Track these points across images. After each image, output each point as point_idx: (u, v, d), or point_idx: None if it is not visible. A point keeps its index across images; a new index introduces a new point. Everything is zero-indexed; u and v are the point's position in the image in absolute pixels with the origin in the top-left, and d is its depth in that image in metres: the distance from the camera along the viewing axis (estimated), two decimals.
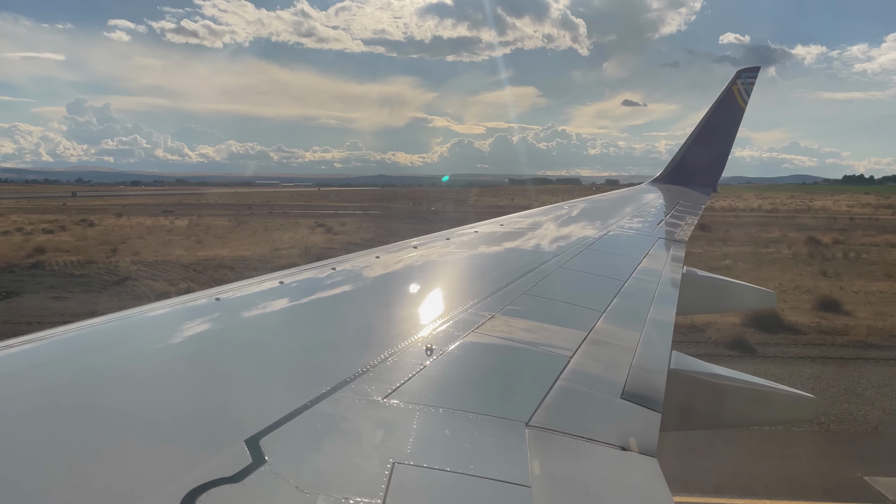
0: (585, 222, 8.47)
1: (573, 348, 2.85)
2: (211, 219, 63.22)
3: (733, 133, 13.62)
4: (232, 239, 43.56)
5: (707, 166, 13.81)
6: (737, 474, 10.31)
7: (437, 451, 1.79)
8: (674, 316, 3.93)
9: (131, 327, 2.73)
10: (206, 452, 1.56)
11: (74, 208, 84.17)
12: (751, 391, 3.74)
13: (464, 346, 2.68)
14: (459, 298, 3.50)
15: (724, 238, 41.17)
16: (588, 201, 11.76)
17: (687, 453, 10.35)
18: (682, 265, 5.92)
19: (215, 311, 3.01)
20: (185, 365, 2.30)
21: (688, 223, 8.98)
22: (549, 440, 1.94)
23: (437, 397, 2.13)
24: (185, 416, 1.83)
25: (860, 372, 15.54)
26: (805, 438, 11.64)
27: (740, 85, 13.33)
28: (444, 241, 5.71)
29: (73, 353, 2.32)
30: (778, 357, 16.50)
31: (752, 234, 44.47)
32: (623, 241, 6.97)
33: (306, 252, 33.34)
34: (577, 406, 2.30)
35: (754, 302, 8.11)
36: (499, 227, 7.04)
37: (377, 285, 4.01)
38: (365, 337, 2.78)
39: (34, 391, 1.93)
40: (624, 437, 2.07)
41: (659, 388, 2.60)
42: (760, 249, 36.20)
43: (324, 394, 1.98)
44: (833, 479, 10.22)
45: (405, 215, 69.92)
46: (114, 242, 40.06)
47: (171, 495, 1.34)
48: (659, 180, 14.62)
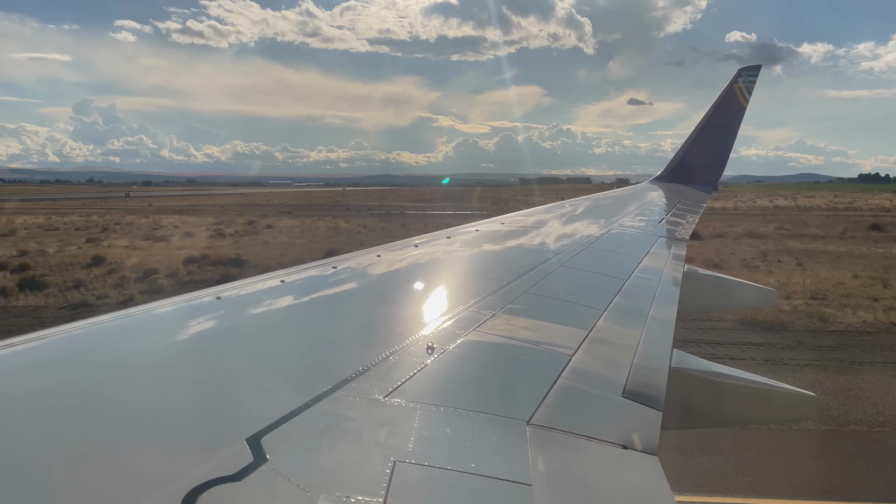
0: (587, 221, 8.47)
1: (574, 347, 2.85)
2: (362, 219, 62.00)
3: (734, 132, 13.61)
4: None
5: (708, 165, 13.81)
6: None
7: (438, 449, 1.80)
8: (675, 314, 3.93)
9: (132, 326, 2.74)
10: (208, 451, 1.56)
11: (188, 209, 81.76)
12: (751, 390, 3.75)
13: (465, 344, 2.68)
14: (460, 297, 3.50)
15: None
16: (589, 200, 11.76)
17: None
18: (683, 263, 5.93)
19: (216, 310, 3.01)
20: (186, 364, 2.31)
21: (689, 222, 8.99)
22: (551, 439, 1.94)
23: (438, 396, 2.14)
24: (186, 415, 1.83)
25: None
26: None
27: (741, 83, 13.31)
28: (445, 240, 5.71)
29: (74, 353, 2.32)
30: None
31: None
32: (624, 239, 6.97)
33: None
34: (579, 404, 2.30)
35: (755, 300, 8.11)
36: (500, 225, 7.04)
37: (378, 284, 4.02)
38: (366, 335, 2.78)
39: (35, 390, 1.93)
40: (625, 435, 2.07)
41: (660, 386, 2.60)
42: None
43: (325, 392, 1.98)
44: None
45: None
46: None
47: (172, 494, 1.34)
48: (660, 179, 14.61)
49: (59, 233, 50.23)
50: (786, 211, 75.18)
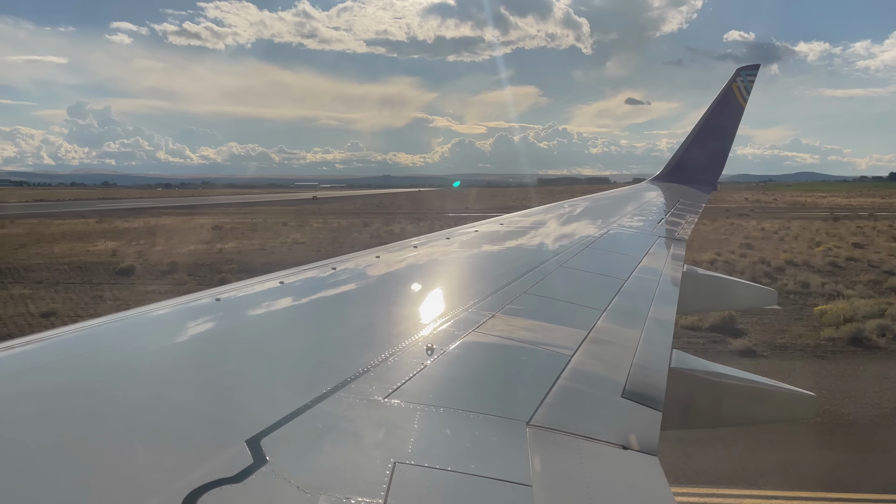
0: (586, 221, 8.46)
1: (574, 347, 2.85)
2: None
3: (733, 131, 13.59)
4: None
5: (707, 164, 13.80)
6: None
7: (438, 450, 1.79)
8: (674, 314, 3.93)
9: (131, 328, 2.73)
10: (208, 453, 1.56)
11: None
12: (750, 389, 3.75)
13: (465, 345, 2.68)
14: (460, 298, 3.50)
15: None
16: (588, 200, 11.75)
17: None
18: (682, 264, 5.93)
19: (216, 312, 3.01)
20: (186, 365, 2.31)
21: (688, 222, 8.98)
22: (551, 439, 1.94)
23: (438, 397, 2.13)
24: (186, 417, 1.83)
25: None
26: None
27: (740, 83, 13.31)
28: (444, 241, 5.71)
29: (74, 354, 2.32)
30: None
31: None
32: (623, 239, 6.97)
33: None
34: (578, 405, 2.30)
35: (755, 300, 8.11)
36: (499, 226, 7.04)
37: (378, 285, 4.01)
38: (366, 336, 2.78)
39: (36, 392, 1.93)
40: (625, 435, 2.07)
41: (659, 386, 2.59)
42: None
43: (325, 394, 1.98)
44: None
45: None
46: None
47: (172, 496, 1.34)
48: (659, 178, 14.60)
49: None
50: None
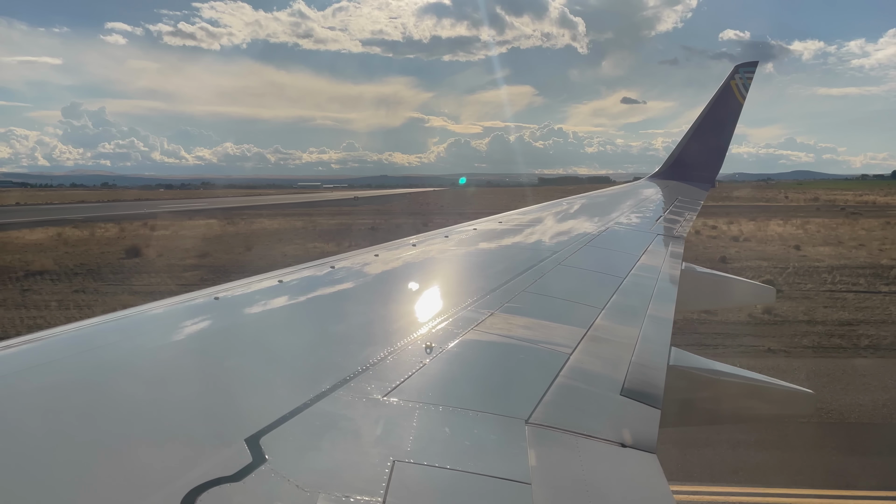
0: (584, 219, 8.46)
1: (573, 345, 2.85)
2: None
3: (732, 128, 13.61)
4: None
5: (706, 161, 13.82)
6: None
7: (437, 448, 1.80)
8: (673, 312, 3.93)
9: (130, 327, 2.73)
10: (207, 451, 1.56)
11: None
12: (749, 387, 3.75)
13: (463, 343, 2.68)
14: (458, 296, 3.50)
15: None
16: (586, 197, 11.76)
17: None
18: (680, 261, 5.93)
19: (214, 311, 3.01)
20: (185, 364, 2.30)
21: (686, 219, 8.99)
22: (550, 437, 1.94)
23: (437, 395, 2.13)
24: (185, 416, 1.83)
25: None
26: None
27: (738, 80, 13.32)
28: (442, 239, 5.71)
29: (73, 353, 2.31)
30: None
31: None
32: (622, 237, 6.97)
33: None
34: (577, 403, 2.30)
35: (753, 297, 8.12)
36: (497, 224, 7.04)
37: (376, 283, 4.01)
38: (364, 335, 2.78)
39: (35, 391, 1.93)
40: (624, 433, 2.07)
41: (658, 384, 2.60)
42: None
43: (324, 392, 1.98)
44: None
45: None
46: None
47: (171, 494, 1.34)
48: (658, 176, 14.61)
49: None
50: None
